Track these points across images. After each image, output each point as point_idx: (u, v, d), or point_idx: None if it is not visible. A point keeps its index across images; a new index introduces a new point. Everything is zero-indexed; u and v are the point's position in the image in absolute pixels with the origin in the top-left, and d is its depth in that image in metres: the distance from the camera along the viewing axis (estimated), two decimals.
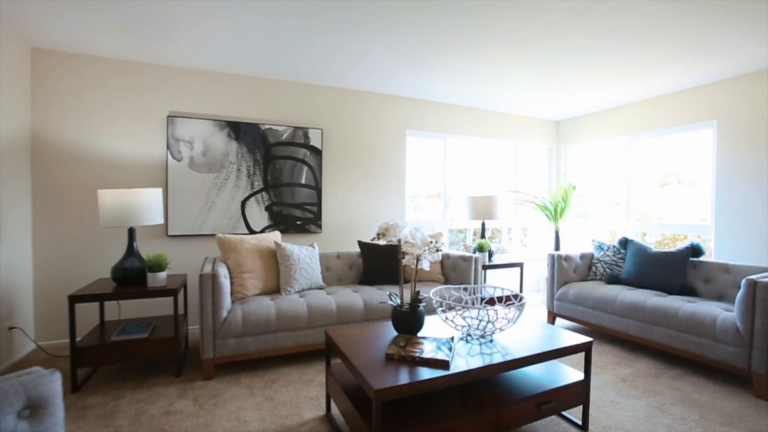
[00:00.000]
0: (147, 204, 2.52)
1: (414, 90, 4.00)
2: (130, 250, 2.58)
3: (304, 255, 3.08)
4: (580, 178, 5.00)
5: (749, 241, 3.41)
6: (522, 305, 1.78)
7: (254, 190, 3.62)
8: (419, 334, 1.91)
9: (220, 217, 3.49)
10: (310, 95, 3.84)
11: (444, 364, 1.54)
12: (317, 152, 3.85)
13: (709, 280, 3.01)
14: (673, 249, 3.14)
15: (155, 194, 2.59)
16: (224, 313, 2.47)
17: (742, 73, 3.42)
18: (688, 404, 2.21)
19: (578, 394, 1.83)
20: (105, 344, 2.32)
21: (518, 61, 3.18)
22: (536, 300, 4.79)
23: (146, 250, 3.25)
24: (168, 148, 3.28)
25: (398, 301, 1.92)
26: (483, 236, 4.11)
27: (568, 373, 1.94)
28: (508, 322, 1.76)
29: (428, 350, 1.65)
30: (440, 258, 1.83)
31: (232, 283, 2.81)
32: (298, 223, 3.79)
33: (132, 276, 2.51)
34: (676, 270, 3.04)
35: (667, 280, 3.03)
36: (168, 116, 3.27)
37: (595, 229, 4.81)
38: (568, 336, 1.92)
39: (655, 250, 3.20)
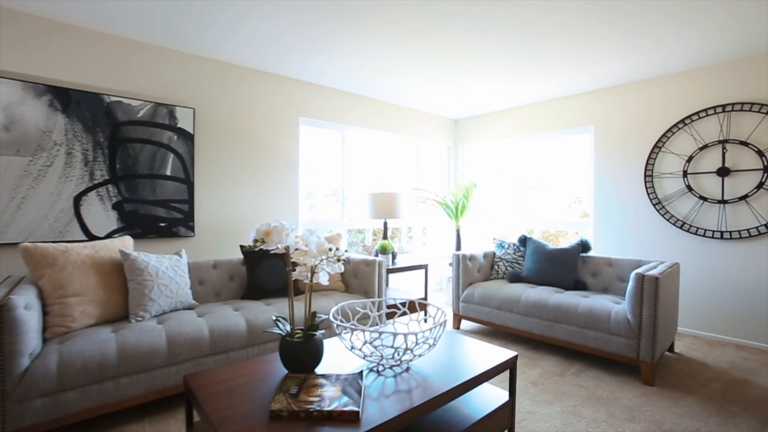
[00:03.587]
0: None
1: (309, 72, 3.50)
2: None
3: (166, 266, 2.36)
4: (477, 176, 5.08)
5: (621, 235, 3.73)
6: (443, 323, 1.46)
7: (96, 182, 2.72)
8: (317, 370, 1.46)
9: (38, 218, 2.52)
10: (177, 65, 3.05)
11: (352, 417, 1.12)
12: (188, 137, 3.08)
13: (596, 274, 3.16)
14: (566, 246, 3.23)
15: None
16: (24, 362, 1.66)
17: (616, 84, 3.73)
18: (595, 402, 2.17)
19: (504, 417, 1.59)
20: None
21: (427, 44, 2.92)
22: (439, 300, 4.70)
23: None
24: None
25: (288, 328, 1.44)
26: (385, 237, 3.81)
27: (490, 392, 1.69)
28: (429, 347, 1.42)
29: (330, 396, 1.21)
30: (342, 269, 1.40)
31: (47, 314, 1.97)
32: (162, 225, 2.99)
33: None
34: (570, 266, 3.12)
35: (563, 275, 3.10)
36: None
37: (490, 227, 4.92)
38: (489, 352, 1.67)
39: (552, 247, 3.26)
